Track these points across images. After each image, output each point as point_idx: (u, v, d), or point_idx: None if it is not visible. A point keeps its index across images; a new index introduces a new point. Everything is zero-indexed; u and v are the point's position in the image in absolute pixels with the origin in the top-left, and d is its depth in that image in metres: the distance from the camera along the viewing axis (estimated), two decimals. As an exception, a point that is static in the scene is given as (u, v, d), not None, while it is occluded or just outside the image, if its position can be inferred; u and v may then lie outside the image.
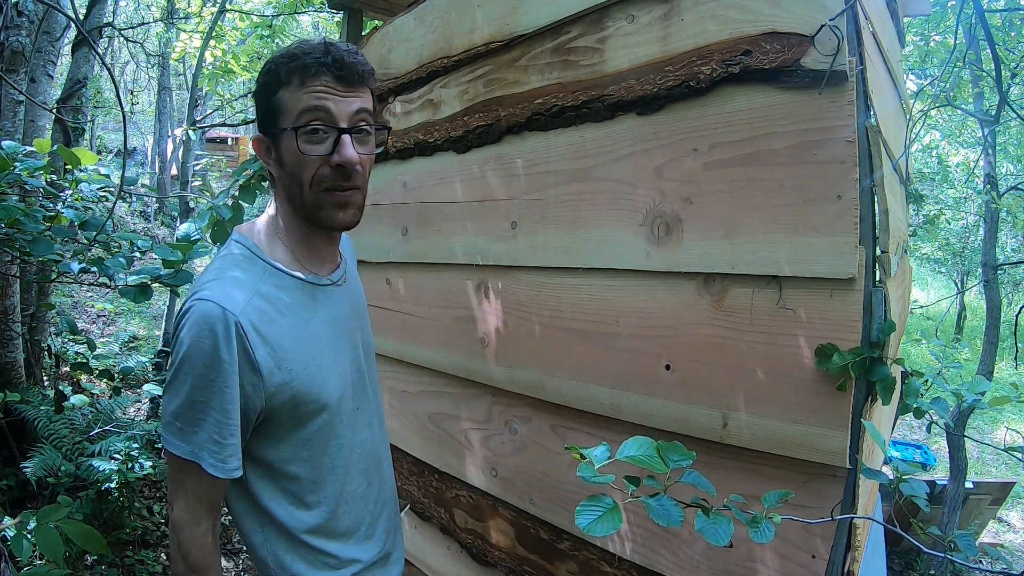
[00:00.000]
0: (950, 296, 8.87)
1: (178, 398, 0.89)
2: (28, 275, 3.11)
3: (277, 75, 0.92)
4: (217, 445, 0.89)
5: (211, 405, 0.88)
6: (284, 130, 0.92)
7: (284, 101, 0.92)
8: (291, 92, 0.91)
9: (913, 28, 5.04)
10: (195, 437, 0.89)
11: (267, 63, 0.94)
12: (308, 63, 0.90)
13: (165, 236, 8.14)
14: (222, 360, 0.87)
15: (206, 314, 0.87)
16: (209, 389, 0.88)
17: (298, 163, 0.93)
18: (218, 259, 0.98)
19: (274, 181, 1.00)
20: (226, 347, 0.87)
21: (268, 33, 5.76)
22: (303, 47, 0.92)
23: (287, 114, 0.92)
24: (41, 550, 1.51)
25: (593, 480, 0.76)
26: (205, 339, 0.87)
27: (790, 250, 1.00)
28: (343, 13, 2.44)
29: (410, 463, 1.87)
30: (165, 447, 0.92)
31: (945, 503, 3.54)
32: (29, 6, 2.83)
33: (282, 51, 0.94)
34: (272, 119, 0.94)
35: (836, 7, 0.95)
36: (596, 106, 1.29)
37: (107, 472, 2.72)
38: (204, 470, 0.89)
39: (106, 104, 8.61)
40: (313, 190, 0.94)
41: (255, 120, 1.02)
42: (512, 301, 1.49)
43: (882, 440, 0.91)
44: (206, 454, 0.89)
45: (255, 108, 0.99)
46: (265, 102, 0.94)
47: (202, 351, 0.87)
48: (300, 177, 0.93)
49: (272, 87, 0.93)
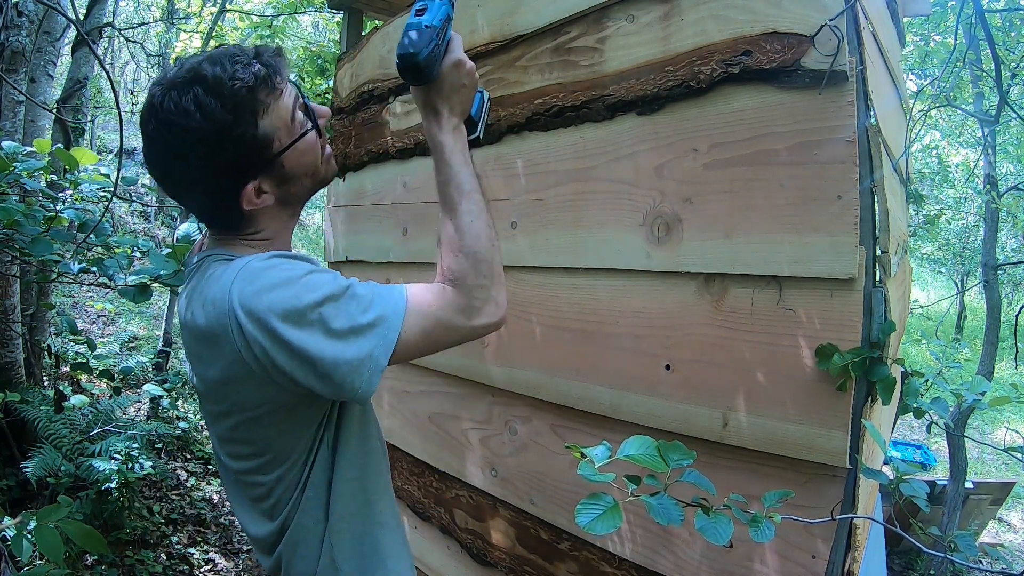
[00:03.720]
0: (950, 296, 8.88)
1: (332, 300, 0.77)
2: (28, 275, 3.11)
3: (247, 111, 0.81)
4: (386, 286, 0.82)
5: (346, 280, 0.80)
6: (293, 142, 0.86)
7: (268, 123, 0.83)
8: (270, 112, 0.83)
9: (913, 28, 5.04)
10: (379, 288, 0.81)
11: (211, 119, 0.78)
12: (266, 76, 0.82)
13: (165, 236, 8.14)
14: (298, 261, 0.80)
15: (269, 255, 0.80)
16: (327, 273, 0.80)
17: (314, 150, 0.90)
18: (220, 265, 0.86)
19: (248, 218, 0.90)
20: (293, 258, 0.81)
21: (268, 33, 5.76)
22: (235, 72, 0.80)
23: (279, 129, 0.84)
24: (41, 550, 1.51)
25: (593, 479, 0.76)
26: (274, 265, 0.78)
27: (790, 250, 1.00)
28: (343, 13, 2.44)
29: (410, 463, 1.87)
30: (386, 329, 0.78)
31: (945, 503, 3.54)
32: (29, 6, 2.83)
33: (223, 93, 0.79)
34: (262, 151, 0.84)
35: (836, 7, 0.95)
36: (596, 106, 1.29)
37: (107, 472, 2.72)
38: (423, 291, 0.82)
39: (106, 104, 8.61)
40: (323, 161, 0.93)
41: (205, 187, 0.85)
42: (512, 301, 1.49)
43: (882, 440, 0.91)
44: (405, 286, 0.82)
45: (207, 170, 0.82)
46: (248, 145, 0.82)
47: (283, 267, 0.78)
48: (316, 162, 0.91)
49: (246, 126, 0.81)
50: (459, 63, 0.88)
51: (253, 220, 0.90)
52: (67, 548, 1.70)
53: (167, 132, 0.80)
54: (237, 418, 0.87)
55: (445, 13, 0.85)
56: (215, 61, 0.81)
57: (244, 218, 0.90)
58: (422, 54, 0.82)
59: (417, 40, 0.82)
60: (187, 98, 0.78)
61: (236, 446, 0.92)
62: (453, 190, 0.87)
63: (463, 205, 0.87)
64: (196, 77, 0.79)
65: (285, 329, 0.74)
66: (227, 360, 0.79)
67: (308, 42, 6.50)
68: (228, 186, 0.84)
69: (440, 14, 0.84)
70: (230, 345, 0.77)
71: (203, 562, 2.99)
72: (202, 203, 0.90)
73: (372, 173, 2.02)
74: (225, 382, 0.83)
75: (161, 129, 0.81)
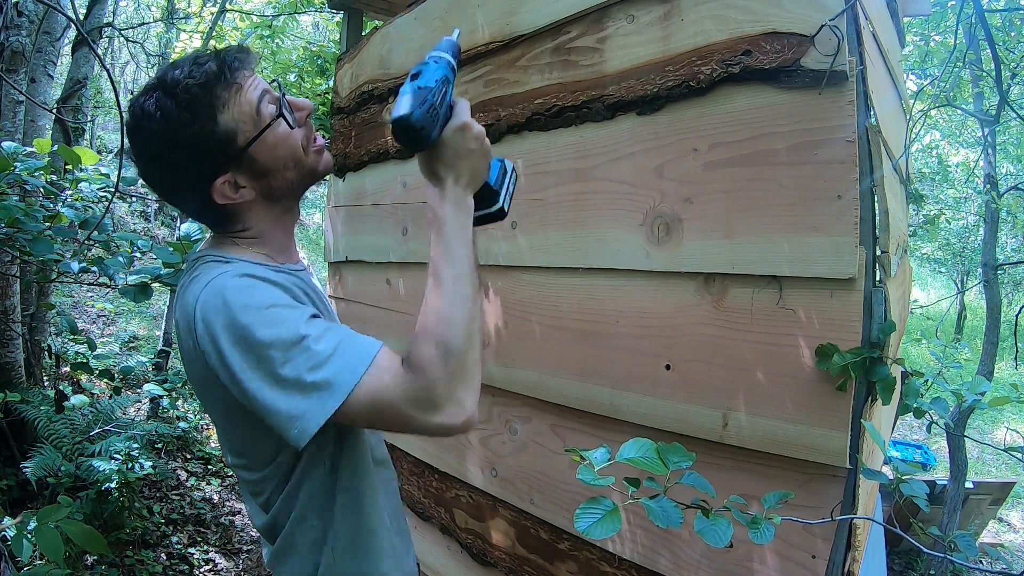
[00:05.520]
0: (950, 296, 8.87)
1: (287, 332, 0.74)
2: (28, 275, 3.11)
3: (203, 108, 0.81)
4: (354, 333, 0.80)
5: (311, 311, 0.79)
6: (259, 134, 0.86)
7: (229, 118, 0.83)
8: (229, 106, 0.83)
9: (913, 28, 5.04)
10: (338, 334, 0.77)
11: (168, 119, 0.80)
12: (219, 72, 0.82)
13: (165, 236, 8.14)
14: (272, 287, 0.79)
15: (230, 278, 0.78)
16: (295, 304, 0.78)
17: (288, 141, 0.89)
18: (204, 267, 0.87)
19: (232, 215, 0.90)
20: (267, 281, 0.79)
21: (268, 33, 5.76)
22: (191, 72, 0.82)
23: (243, 123, 0.84)
24: (41, 550, 1.51)
25: (593, 483, 0.76)
26: (247, 288, 0.77)
27: (790, 250, 1.00)
28: (343, 13, 2.44)
29: (410, 463, 1.87)
30: (333, 379, 0.73)
31: (945, 503, 3.53)
32: (29, 6, 2.83)
33: (178, 93, 0.81)
34: (227, 145, 0.84)
35: (836, 7, 0.95)
36: (596, 106, 1.29)
37: (107, 472, 2.72)
38: (378, 349, 0.77)
39: (106, 104, 8.61)
40: (307, 152, 0.93)
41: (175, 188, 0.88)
42: (512, 301, 1.49)
43: (882, 441, 0.91)
44: (368, 338, 0.79)
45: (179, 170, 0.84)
46: (208, 141, 0.82)
47: (255, 291, 0.77)
48: (296, 152, 0.90)
49: (203, 121, 0.81)
50: (465, 127, 0.83)
51: (238, 216, 0.91)
52: (67, 548, 1.70)
53: (138, 137, 0.85)
54: (214, 415, 0.90)
55: (442, 74, 0.81)
56: (178, 65, 0.85)
57: (227, 215, 0.91)
58: (415, 114, 0.77)
59: (410, 102, 0.77)
60: (150, 102, 0.82)
61: (225, 441, 0.95)
62: (442, 266, 0.80)
63: (447, 286, 0.79)
64: (160, 82, 0.84)
65: (232, 354, 0.74)
66: (196, 361, 0.81)
67: (308, 42, 6.50)
68: (198, 183, 0.86)
69: (436, 75, 0.80)
70: (195, 348, 0.79)
71: (203, 562, 2.99)
72: (186, 202, 0.92)
73: (372, 173, 2.02)
74: (198, 381, 0.86)
75: (132, 135, 0.86)
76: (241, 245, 0.93)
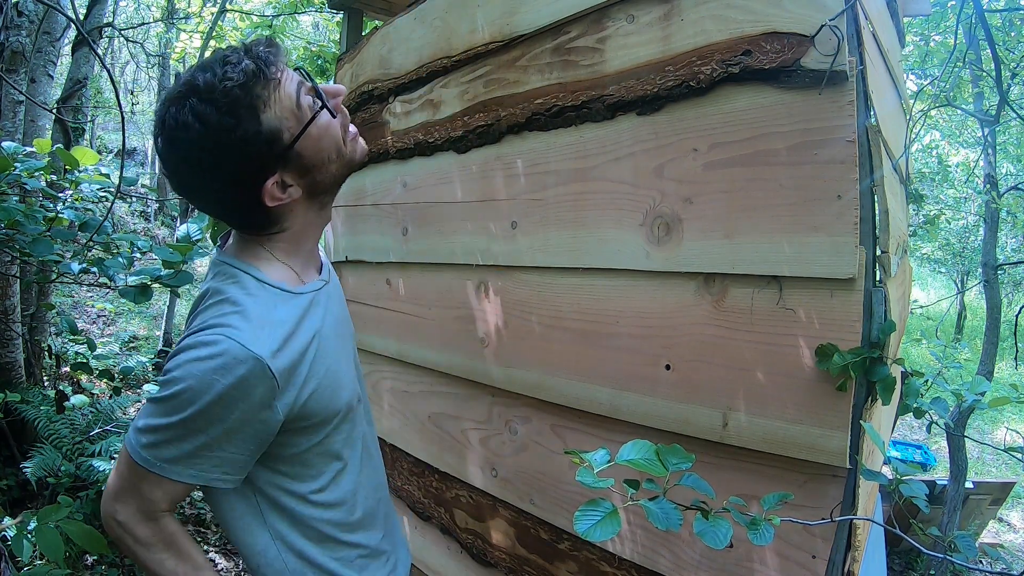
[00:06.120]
0: (950, 296, 8.87)
1: (165, 418, 0.80)
2: (28, 275, 3.11)
3: (246, 109, 0.80)
4: (192, 461, 0.82)
5: (204, 433, 0.81)
6: (304, 128, 0.84)
7: (272, 116, 0.82)
8: (271, 104, 0.81)
9: (913, 28, 5.04)
10: (165, 453, 0.81)
11: (210, 126, 0.78)
12: (256, 70, 0.80)
13: (165, 236, 8.14)
14: (234, 401, 0.79)
15: (230, 354, 0.78)
16: (206, 424, 0.80)
17: (330, 131, 0.88)
18: (223, 286, 0.88)
19: (277, 216, 0.90)
20: (244, 390, 0.79)
21: (268, 33, 5.76)
22: (226, 73, 0.79)
23: (286, 119, 0.83)
24: (41, 550, 1.51)
25: (593, 485, 0.76)
26: (220, 378, 0.78)
27: (790, 250, 1.00)
28: (343, 13, 2.44)
29: (410, 463, 1.87)
30: (127, 449, 0.83)
31: (945, 503, 3.53)
32: (29, 6, 2.83)
33: (217, 97, 0.78)
34: (272, 144, 0.82)
35: (836, 7, 0.95)
36: (596, 106, 1.29)
37: (107, 472, 2.72)
38: (172, 479, 0.82)
39: (106, 104, 8.61)
40: (346, 142, 0.91)
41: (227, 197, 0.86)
42: (512, 301, 1.49)
43: (881, 441, 0.91)
44: (179, 468, 0.82)
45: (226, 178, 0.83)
46: (254, 143, 0.81)
47: (212, 390, 0.78)
48: (338, 142, 0.89)
49: (248, 124, 0.80)
50: None
51: (281, 217, 0.90)
52: (67, 548, 1.70)
53: (174, 149, 0.81)
54: None
55: None
56: (206, 67, 0.81)
57: (272, 216, 0.89)
58: None
59: None
60: (184, 111, 0.79)
61: None
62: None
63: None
64: (190, 88, 0.80)
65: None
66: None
67: (308, 42, 6.50)
68: (248, 188, 0.84)
69: None
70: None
71: (203, 562, 2.99)
72: (228, 209, 0.89)
73: (372, 173, 2.02)
74: None
75: (168, 147, 0.82)
76: (273, 252, 0.91)
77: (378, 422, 2.00)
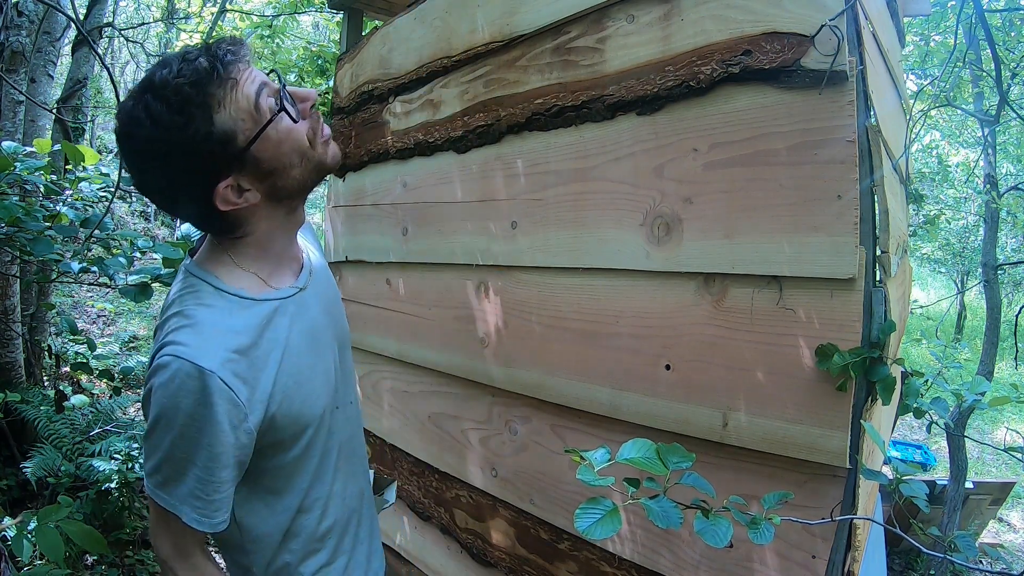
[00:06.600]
0: (950, 296, 8.87)
1: (158, 452, 0.81)
2: (28, 275, 3.11)
3: (197, 108, 0.77)
4: (200, 501, 0.82)
5: (193, 462, 0.81)
6: (260, 132, 0.81)
7: (227, 116, 0.78)
8: (225, 104, 0.78)
9: (913, 28, 5.04)
10: (176, 491, 0.82)
11: (160, 124, 0.76)
12: (211, 68, 0.77)
13: (165, 236, 8.14)
14: (202, 419, 0.79)
15: (182, 373, 0.77)
16: (189, 447, 0.80)
17: (292, 136, 0.84)
18: (180, 296, 0.87)
19: (235, 221, 0.87)
20: (206, 406, 0.78)
21: (268, 33, 5.76)
22: (180, 70, 0.77)
23: (242, 120, 0.80)
24: (41, 550, 1.51)
25: (593, 483, 0.76)
26: (183, 399, 0.78)
27: (790, 250, 1.00)
28: (343, 13, 2.44)
29: (410, 463, 1.87)
30: (148, 493, 0.85)
31: (945, 503, 3.53)
32: (29, 6, 2.83)
33: (168, 95, 0.76)
34: (226, 146, 0.79)
35: (836, 7, 0.95)
36: (596, 106, 1.29)
37: (107, 472, 2.72)
38: (186, 523, 0.83)
39: (106, 104, 8.61)
40: (314, 145, 0.88)
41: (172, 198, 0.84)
42: (512, 301, 1.49)
43: (882, 441, 0.91)
44: (187, 508, 0.82)
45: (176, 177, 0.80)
46: (205, 144, 0.78)
47: (179, 411, 0.78)
48: (301, 146, 0.85)
49: (199, 123, 0.77)
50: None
51: (240, 221, 0.87)
52: (67, 548, 1.70)
53: (128, 145, 0.80)
54: None
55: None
56: (166, 63, 0.79)
57: (230, 221, 0.86)
58: None
59: None
60: (138, 107, 0.77)
61: None
62: None
63: None
64: (147, 83, 0.78)
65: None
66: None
67: (308, 42, 6.50)
68: (199, 189, 0.81)
69: None
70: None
71: (203, 562, 2.99)
72: (187, 211, 0.87)
73: (372, 173, 2.02)
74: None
75: (122, 142, 0.80)
76: (236, 258, 0.89)
77: (378, 422, 2.00)
